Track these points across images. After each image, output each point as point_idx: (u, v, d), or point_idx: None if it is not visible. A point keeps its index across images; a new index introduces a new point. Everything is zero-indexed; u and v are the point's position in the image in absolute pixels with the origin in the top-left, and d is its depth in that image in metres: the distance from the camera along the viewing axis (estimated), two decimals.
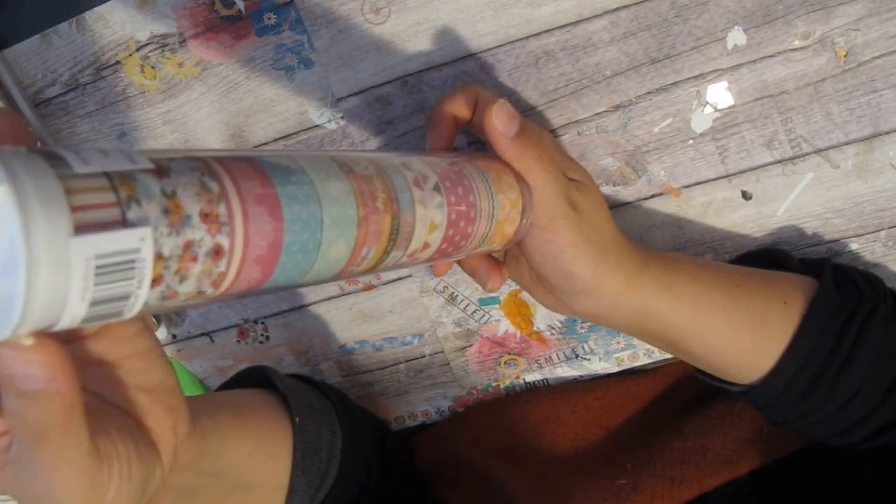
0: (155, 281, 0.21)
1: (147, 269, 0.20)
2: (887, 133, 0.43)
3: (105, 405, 0.26)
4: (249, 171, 0.24)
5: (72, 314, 0.19)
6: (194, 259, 0.22)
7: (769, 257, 0.45)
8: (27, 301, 0.18)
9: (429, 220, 0.31)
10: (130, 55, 0.48)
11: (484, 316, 0.52)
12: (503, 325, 0.52)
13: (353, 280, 0.52)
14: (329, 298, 0.53)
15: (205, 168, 0.23)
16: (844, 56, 0.42)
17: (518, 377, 0.54)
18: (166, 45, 0.48)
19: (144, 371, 0.27)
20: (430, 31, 0.45)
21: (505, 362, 0.54)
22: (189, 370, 0.58)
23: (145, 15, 0.47)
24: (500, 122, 0.35)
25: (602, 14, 0.43)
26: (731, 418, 0.44)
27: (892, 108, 0.42)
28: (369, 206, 0.28)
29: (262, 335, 0.56)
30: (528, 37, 0.44)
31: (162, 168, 0.21)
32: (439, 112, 0.38)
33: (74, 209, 0.18)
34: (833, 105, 0.43)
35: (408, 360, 0.55)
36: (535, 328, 0.52)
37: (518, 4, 0.43)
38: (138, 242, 0.20)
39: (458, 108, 0.38)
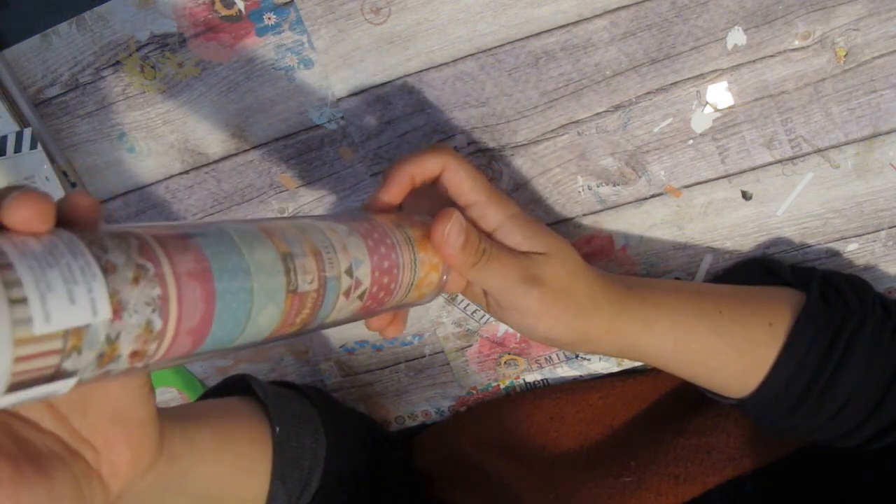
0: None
1: (64, 393, 0.21)
2: (887, 133, 0.43)
3: (30, 436, 0.25)
4: (196, 312, 0.23)
5: None
6: (106, 376, 0.22)
7: (760, 266, 0.45)
8: None
9: (345, 312, 0.32)
10: (130, 55, 0.48)
11: (484, 316, 0.52)
12: (503, 325, 0.52)
13: None
14: None
15: (160, 300, 0.22)
16: (844, 56, 0.42)
17: (518, 377, 0.54)
18: (166, 45, 0.48)
19: (120, 398, 0.27)
20: (430, 31, 0.45)
21: (505, 362, 0.54)
22: (189, 370, 0.58)
23: (145, 15, 0.47)
24: (451, 237, 0.35)
25: (602, 14, 0.43)
26: (735, 416, 0.44)
27: (892, 108, 0.42)
28: (292, 324, 0.28)
29: None
30: (528, 37, 0.44)
31: (118, 307, 0.21)
32: (399, 171, 0.37)
33: (18, 360, 0.18)
34: (833, 105, 0.43)
35: (408, 360, 0.55)
36: None
37: (518, 4, 0.43)
38: (64, 387, 0.21)
39: (424, 173, 0.37)
